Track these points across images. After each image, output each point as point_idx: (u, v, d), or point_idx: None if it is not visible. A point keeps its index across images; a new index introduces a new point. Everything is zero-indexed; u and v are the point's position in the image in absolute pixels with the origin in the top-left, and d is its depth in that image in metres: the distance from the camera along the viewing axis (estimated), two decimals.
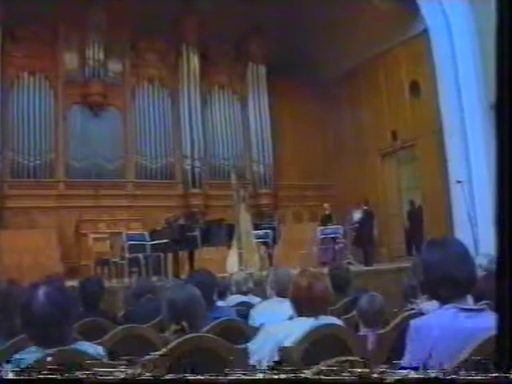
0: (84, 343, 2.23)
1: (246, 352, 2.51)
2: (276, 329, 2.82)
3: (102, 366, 1.92)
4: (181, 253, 10.75)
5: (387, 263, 12.69)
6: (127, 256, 10.41)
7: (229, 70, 16.02)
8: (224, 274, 7.48)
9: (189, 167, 14.92)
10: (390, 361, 2.45)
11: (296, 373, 1.71)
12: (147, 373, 1.77)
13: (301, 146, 16.21)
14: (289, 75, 15.65)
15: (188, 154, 14.97)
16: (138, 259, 10.38)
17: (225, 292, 4.73)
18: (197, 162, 14.98)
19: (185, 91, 15.23)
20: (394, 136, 14.54)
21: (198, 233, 10.25)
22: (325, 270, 5.19)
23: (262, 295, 4.65)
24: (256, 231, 10.85)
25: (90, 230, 12.67)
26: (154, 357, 2.29)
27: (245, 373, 1.75)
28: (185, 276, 9.46)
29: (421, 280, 2.16)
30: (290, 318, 2.94)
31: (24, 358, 2.01)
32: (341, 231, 12.44)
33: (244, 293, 4.98)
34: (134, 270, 10.64)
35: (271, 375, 1.72)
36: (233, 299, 4.77)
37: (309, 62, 15.64)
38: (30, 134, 13.64)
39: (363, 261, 12.23)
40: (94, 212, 13.40)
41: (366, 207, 12.93)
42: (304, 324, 2.64)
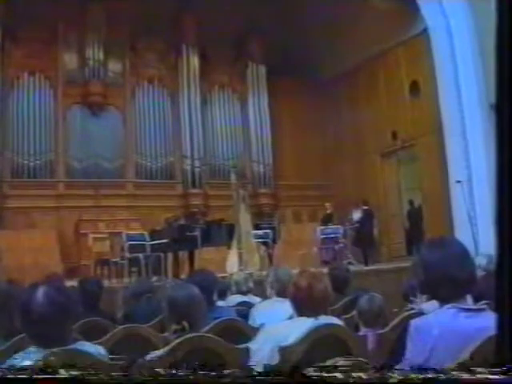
0: (84, 343, 2.23)
1: (246, 352, 2.51)
2: (276, 329, 2.82)
3: (102, 365, 1.92)
4: (181, 253, 10.74)
5: (387, 263, 12.69)
6: (127, 256, 10.41)
7: (229, 70, 16.01)
8: (224, 274, 7.48)
9: (189, 167, 14.92)
10: (390, 361, 2.46)
11: (296, 373, 1.71)
12: (147, 373, 1.77)
13: (301, 145, 16.20)
14: (289, 75, 15.65)
15: (188, 153, 14.97)
16: (138, 259, 10.38)
17: (225, 292, 4.73)
18: (197, 162, 14.98)
19: (185, 91, 15.23)
20: (394, 136, 14.54)
21: (197, 233, 10.23)
22: (325, 269, 5.19)
23: (262, 295, 4.65)
24: (256, 231, 10.84)
25: (90, 230, 12.67)
26: (154, 357, 2.29)
27: (245, 373, 1.75)
28: (185, 276, 9.46)
29: (420, 280, 2.16)
30: (290, 317, 2.94)
31: (24, 358, 2.01)
32: (341, 231, 12.44)
33: (244, 293, 4.98)
34: (134, 269, 10.64)
35: (271, 375, 1.71)
36: (233, 299, 4.77)
37: (309, 61, 15.65)
38: (30, 134, 13.63)
39: (363, 261, 12.24)
40: (93, 212, 13.39)
41: (366, 207, 12.94)
42: (304, 324, 2.64)
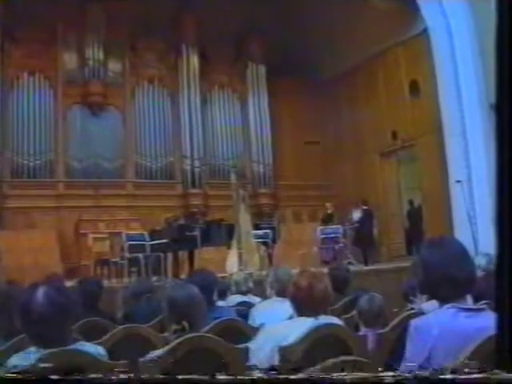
0: (84, 343, 2.23)
1: (246, 352, 2.51)
2: (276, 329, 2.82)
3: (102, 366, 1.92)
4: (180, 253, 10.74)
5: (387, 263, 12.69)
6: (127, 256, 10.40)
7: (228, 70, 16.01)
8: (224, 274, 7.48)
9: (188, 167, 14.91)
10: (389, 360, 2.46)
11: (296, 372, 1.71)
12: (147, 373, 1.77)
13: (300, 145, 16.20)
14: (289, 75, 15.64)
15: (188, 153, 14.96)
16: (138, 259, 10.37)
17: (225, 292, 4.73)
18: (196, 162, 14.97)
19: (184, 91, 15.22)
20: (394, 136, 14.53)
21: (197, 233, 10.23)
22: (325, 269, 5.19)
23: (262, 295, 4.65)
24: (256, 231, 10.84)
25: (90, 230, 12.66)
26: (153, 356, 2.29)
27: (245, 372, 1.75)
28: (185, 276, 9.46)
29: (420, 280, 2.16)
30: (290, 317, 2.94)
31: (24, 359, 2.01)
32: (340, 231, 12.44)
33: (244, 293, 4.98)
34: (134, 269, 10.64)
35: (271, 375, 1.71)
36: (233, 299, 4.77)
37: (309, 61, 15.65)
38: (30, 134, 13.62)
39: (363, 260, 12.24)
40: (93, 212, 13.38)
41: (366, 207, 12.95)
42: (304, 324, 2.64)
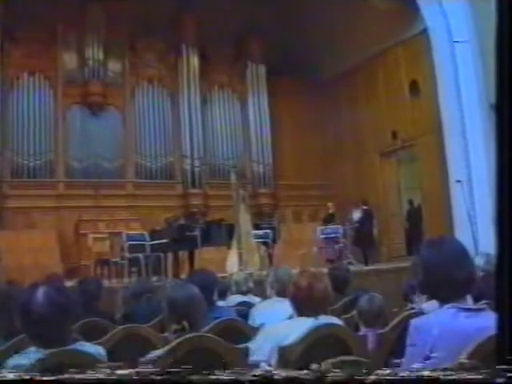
0: (84, 343, 2.23)
1: (246, 352, 2.51)
2: (276, 328, 2.82)
3: (102, 366, 1.92)
4: (181, 253, 10.74)
5: (387, 263, 12.69)
6: (127, 256, 10.40)
7: (228, 70, 16.00)
8: (224, 274, 7.48)
9: (188, 167, 14.91)
10: (390, 360, 2.46)
11: (296, 372, 1.71)
12: (147, 373, 1.77)
13: (300, 145, 16.19)
14: (289, 75, 15.64)
15: (188, 153, 14.96)
16: (138, 259, 10.37)
17: (225, 292, 4.73)
18: (196, 162, 14.97)
19: (184, 91, 15.22)
20: (394, 136, 14.53)
21: (197, 233, 10.23)
22: (324, 269, 5.18)
23: (262, 295, 4.65)
24: (256, 231, 10.84)
25: (90, 230, 12.65)
26: (153, 356, 2.29)
27: (244, 372, 1.75)
28: (185, 276, 9.46)
29: (420, 280, 2.16)
30: (290, 317, 2.94)
31: (24, 359, 2.01)
32: (341, 231, 12.44)
33: (244, 293, 4.98)
34: (134, 270, 10.64)
35: (271, 375, 1.71)
36: (233, 299, 4.77)
37: (308, 61, 15.64)
38: (30, 134, 13.62)
39: (363, 260, 12.24)
40: (93, 212, 13.38)
41: (366, 207, 12.95)
42: (304, 324, 2.64)
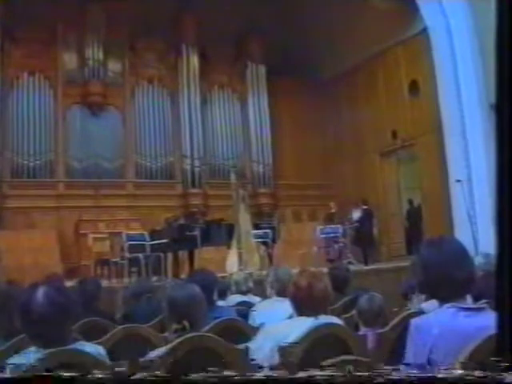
0: (84, 343, 2.23)
1: (246, 352, 2.51)
2: (276, 328, 2.82)
3: (102, 366, 1.92)
4: (180, 253, 10.74)
5: (387, 262, 12.68)
6: (127, 256, 10.40)
7: (228, 70, 16.00)
8: (224, 274, 7.48)
9: (188, 167, 14.91)
10: (390, 360, 2.45)
11: (296, 372, 1.71)
12: (147, 373, 1.77)
13: (300, 145, 16.19)
14: (289, 75, 15.64)
15: (188, 153, 14.96)
16: (138, 259, 10.37)
17: (225, 292, 4.73)
18: (196, 162, 14.97)
19: (184, 91, 15.22)
20: (394, 135, 14.53)
21: (197, 233, 10.23)
22: (324, 269, 5.18)
23: (262, 295, 4.65)
24: (256, 231, 10.84)
25: (90, 230, 12.65)
26: (154, 356, 2.29)
27: (245, 372, 1.74)
28: (185, 276, 9.46)
29: (420, 280, 2.16)
30: (290, 317, 2.94)
31: (24, 359, 2.01)
32: (340, 231, 12.44)
33: (244, 292, 4.98)
34: (134, 269, 10.64)
35: (271, 375, 1.71)
36: (233, 299, 4.77)
37: (308, 61, 15.64)
38: (30, 134, 13.62)
39: (363, 260, 12.24)
40: (93, 212, 13.38)
41: (366, 206, 12.94)
42: (304, 323, 2.64)
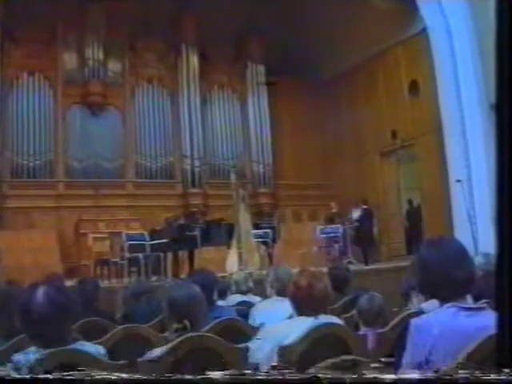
0: (84, 343, 2.23)
1: (246, 351, 2.51)
2: (276, 328, 2.82)
3: (102, 365, 1.92)
4: (180, 252, 10.74)
5: (387, 262, 12.68)
6: (127, 256, 10.40)
7: (228, 70, 16.00)
8: (224, 274, 7.48)
9: (188, 167, 14.91)
10: (390, 360, 2.45)
11: (296, 372, 1.71)
12: (147, 372, 1.77)
13: (300, 145, 16.20)
14: (288, 75, 15.63)
15: (188, 153, 14.96)
16: (138, 259, 10.37)
17: (225, 292, 4.73)
18: (196, 162, 14.97)
19: (184, 91, 15.22)
20: (394, 135, 14.53)
21: (197, 232, 10.23)
22: (324, 269, 5.18)
23: (262, 294, 4.65)
24: (256, 231, 10.84)
25: (90, 230, 12.65)
26: (154, 356, 2.29)
27: (245, 372, 1.75)
28: (185, 276, 9.46)
29: (419, 280, 2.16)
30: (290, 317, 2.94)
31: (24, 359, 2.01)
32: (340, 230, 12.43)
33: (244, 292, 4.98)
34: (134, 269, 10.64)
35: (271, 375, 1.71)
36: (233, 299, 4.77)
37: (308, 61, 15.64)
38: (30, 134, 13.62)
39: (363, 260, 12.24)
40: (93, 212, 13.38)
41: (365, 206, 12.94)
42: (304, 323, 2.64)
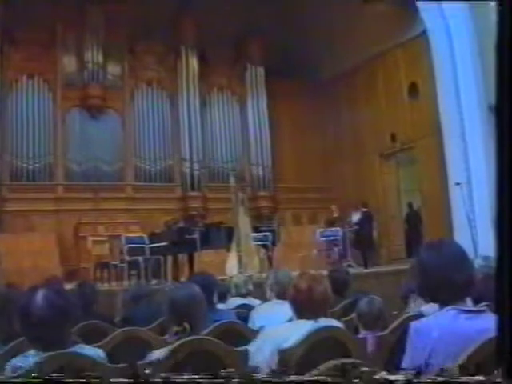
0: (84, 346, 2.23)
1: (246, 354, 2.51)
2: (276, 331, 2.82)
3: (102, 368, 1.92)
4: (180, 256, 10.73)
5: (387, 265, 12.68)
6: (126, 259, 10.40)
7: (227, 72, 16.01)
8: (224, 277, 7.48)
9: (188, 170, 14.90)
10: (389, 363, 2.45)
11: (295, 375, 1.71)
12: (147, 375, 1.77)
13: (300, 148, 16.19)
14: (288, 77, 15.65)
15: (187, 156, 14.95)
16: (138, 262, 10.36)
17: (224, 295, 4.73)
18: (196, 165, 14.96)
19: (184, 93, 15.22)
20: (393, 138, 14.54)
21: (197, 236, 10.23)
22: (324, 272, 5.18)
23: (262, 298, 4.64)
24: (255, 234, 10.83)
25: (90, 233, 12.61)
26: (154, 359, 2.29)
27: (244, 375, 1.74)
28: (184, 279, 9.45)
29: (419, 283, 2.15)
30: (290, 320, 2.94)
31: (23, 362, 2.01)
32: (340, 234, 12.42)
33: (244, 295, 4.98)
34: (134, 272, 10.63)
35: (271, 378, 1.71)
36: (232, 302, 4.77)
37: (307, 63, 15.65)
38: (29, 137, 13.61)
39: (363, 263, 12.24)
40: (93, 215, 13.35)
41: (365, 209, 12.95)
42: (304, 326, 2.64)
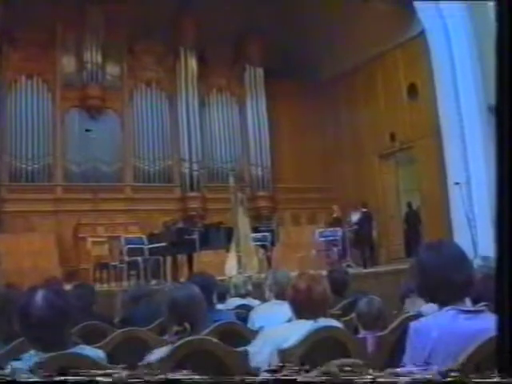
0: (84, 347, 2.23)
1: (246, 355, 2.51)
2: (275, 331, 2.82)
3: (102, 369, 1.92)
4: (179, 256, 10.73)
5: (386, 265, 12.68)
6: (126, 259, 10.40)
7: (227, 73, 16.01)
8: (223, 277, 7.48)
9: (187, 170, 14.90)
10: (389, 363, 2.45)
11: (295, 375, 1.71)
12: (147, 375, 1.77)
13: (299, 148, 16.20)
14: (287, 77, 15.65)
15: (186, 157, 14.95)
16: (137, 263, 10.37)
17: (224, 295, 4.73)
18: (195, 165, 14.96)
19: (183, 94, 15.22)
20: (393, 138, 14.56)
21: (196, 236, 10.24)
22: (323, 272, 5.18)
23: (261, 298, 4.64)
24: (254, 234, 10.84)
25: (89, 234, 12.61)
26: (153, 359, 2.28)
27: (244, 375, 1.74)
28: (184, 279, 9.45)
29: (418, 283, 2.16)
30: (289, 320, 2.93)
31: (23, 362, 2.01)
32: (339, 234, 12.42)
33: (243, 296, 4.98)
34: (133, 273, 10.64)
35: (270, 378, 1.71)
36: (232, 302, 4.77)
37: (307, 64, 15.65)
38: (28, 138, 13.60)
39: (362, 263, 12.24)
40: (92, 216, 13.33)
41: (365, 209, 12.95)
42: (303, 326, 2.64)
